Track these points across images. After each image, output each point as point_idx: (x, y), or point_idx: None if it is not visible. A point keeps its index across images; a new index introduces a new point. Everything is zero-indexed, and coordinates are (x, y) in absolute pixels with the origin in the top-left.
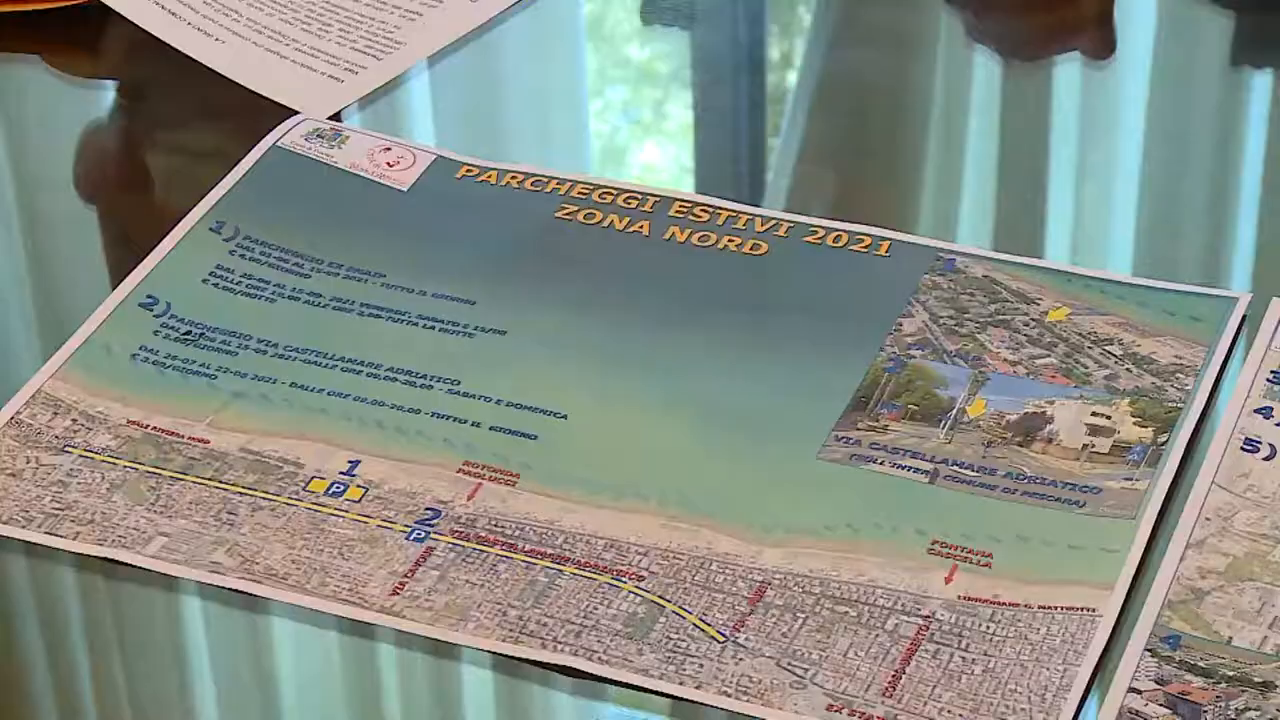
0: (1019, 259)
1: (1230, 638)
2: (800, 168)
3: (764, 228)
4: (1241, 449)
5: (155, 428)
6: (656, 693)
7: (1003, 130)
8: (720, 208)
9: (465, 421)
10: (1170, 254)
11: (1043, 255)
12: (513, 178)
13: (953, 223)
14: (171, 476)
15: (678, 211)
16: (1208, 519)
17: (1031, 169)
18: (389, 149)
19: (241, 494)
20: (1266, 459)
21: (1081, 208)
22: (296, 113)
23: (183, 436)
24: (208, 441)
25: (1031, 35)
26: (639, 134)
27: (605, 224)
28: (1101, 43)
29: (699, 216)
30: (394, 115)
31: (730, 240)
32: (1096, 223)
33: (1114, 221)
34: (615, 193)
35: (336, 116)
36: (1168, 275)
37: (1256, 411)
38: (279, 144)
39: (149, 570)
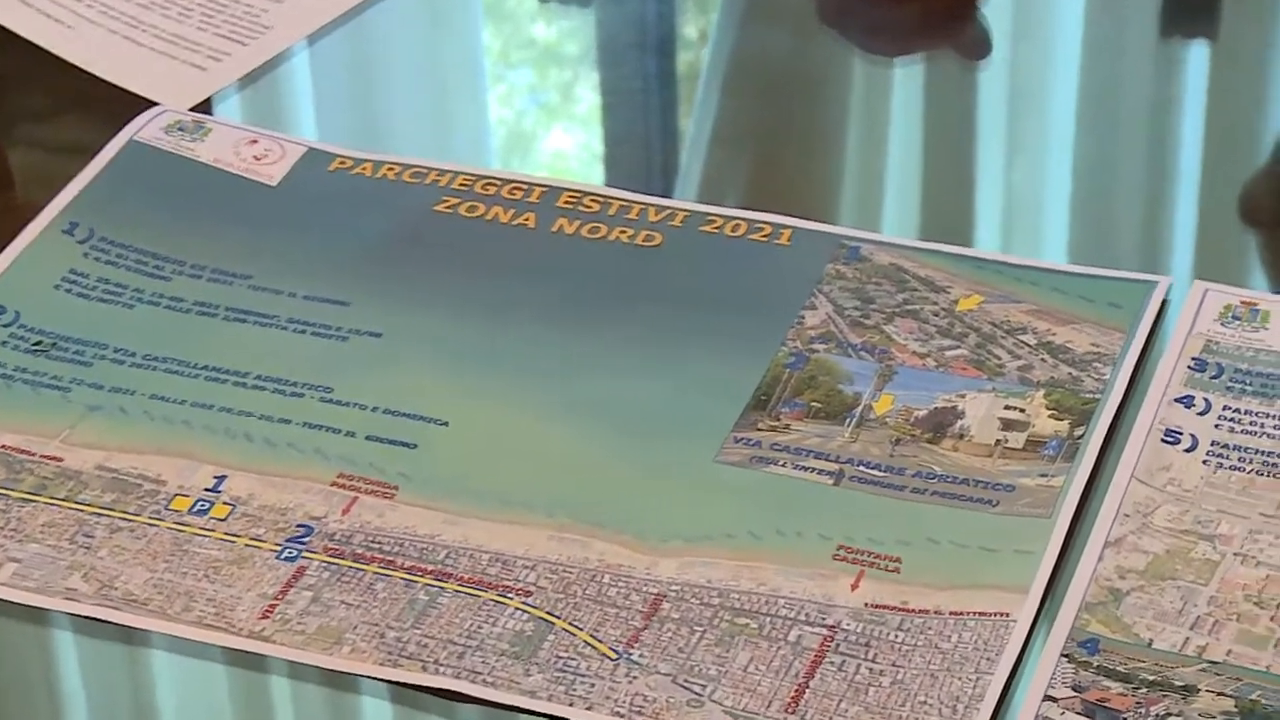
0: (927, 245)
1: (1151, 640)
2: (713, 153)
3: (658, 218)
4: (1162, 441)
5: (4, 446)
6: (544, 715)
7: (927, 110)
8: (611, 197)
9: (339, 431)
10: (1100, 236)
11: (972, 241)
12: (390, 169)
13: (875, 208)
14: (22, 498)
15: (566, 202)
16: (1127, 515)
17: (957, 150)
18: (255, 141)
19: (99, 514)
20: (1188, 451)
21: (1010, 190)
22: (157, 104)
23: (34, 454)
24: (61, 459)
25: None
26: (545, 119)
27: (489, 217)
28: (975, 44)
29: (589, 207)
30: (268, 105)
31: (622, 232)
32: (1026, 206)
33: (1044, 204)
34: (499, 183)
35: (203, 107)
36: (1098, 258)
37: (1177, 401)
38: (136, 138)
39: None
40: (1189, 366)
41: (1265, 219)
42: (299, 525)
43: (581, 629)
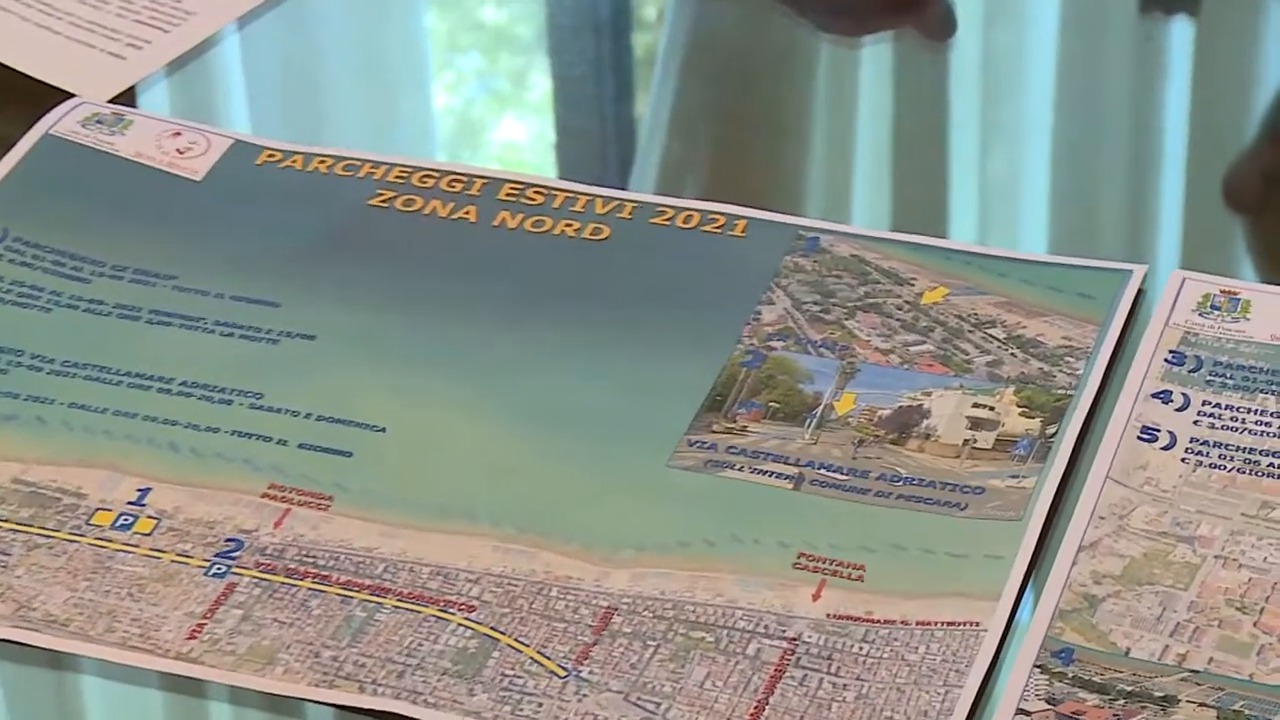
0: (890, 236)
1: (1128, 649)
2: (671, 140)
3: (605, 209)
4: (1138, 439)
5: None
6: None
7: (897, 94)
8: (556, 189)
9: (270, 439)
10: (1081, 225)
11: (946, 232)
12: (321, 162)
13: (843, 197)
14: None
15: (508, 194)
16: (1102, 518)
17: (929, 136)
18: (179, 134)
19: (15, 531)
20: (1165, 449)
21: (986, 178)
22: (74, 95)
23: None
24: None
25: (859, 5)
26: (496, 107)
27: (427, 211)
28: (938, 23)
29: (532, 199)
30: (195, 96)
31: (568, 225)
32: (1002, 194)
33: (1022, 192)
34: (437, 175)
35: (125, 99)
36: (1079, 248)
37: (1154, 396)
38: (52, 132)
39: None
40: (1166, 360)
41: (1250, 204)
42: (228, 540)
43: (528, 645)
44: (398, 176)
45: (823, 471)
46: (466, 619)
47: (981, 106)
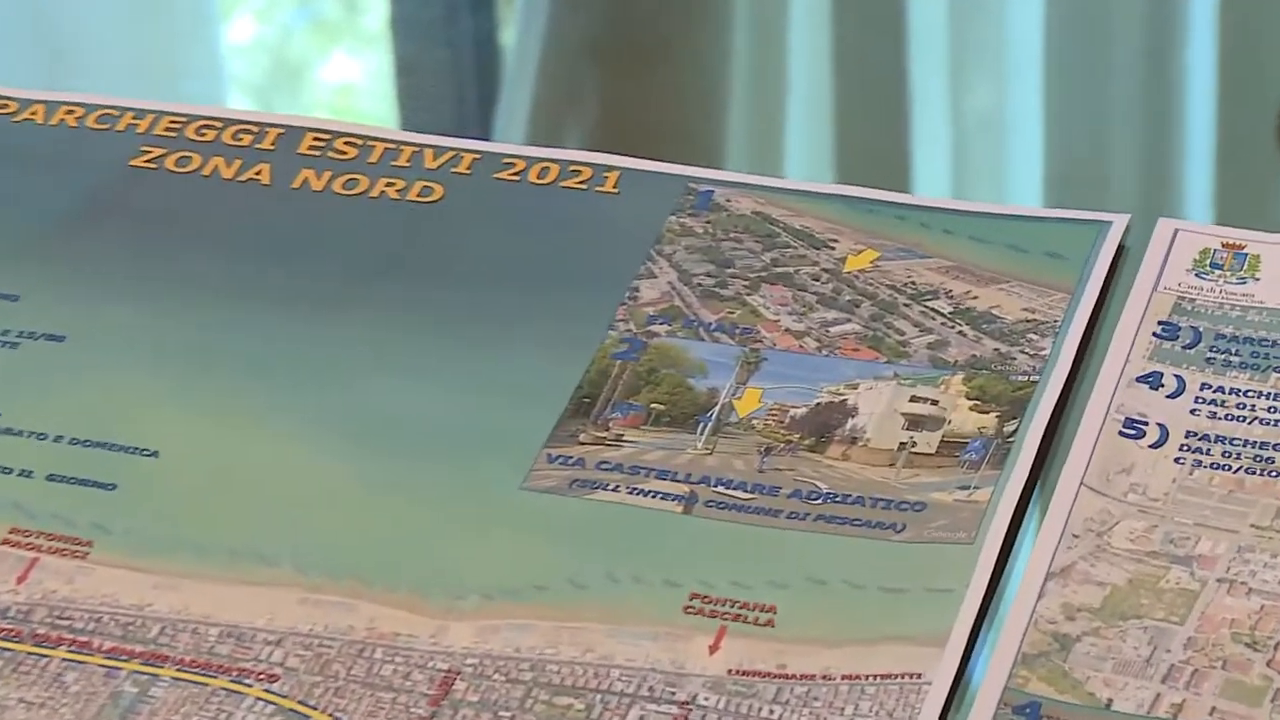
0: (802, 186)
1: (1109, 700)
2: (546, 76)
3: (437, 163)
4: (1121, 434)
5: None
6: None
7: (837, 9)
8: (373, 138)
9: (9, 471)
10: (1081, 176)
11: (908, 187)
12: (69, 113)
13: (772, 143)
14: None
15: (311, 148)
16: (1076, 536)
17: (883, 65)
18: None
19: None
20: (1155, 446)
21: (959, 117)
22: None
23: None
24: None
25: None
26: (323, 41)
27: (206, 171)
28: None
29: (342, 153)
30: None
31: (389, 184)
32: (979, 138)
33: (1006, 135)
34: (219, 125)
35: None
36: (1079, 203)
37: (1140, 380)
38: None
39: None
40: (1155, 333)
41: None
42: None
43: None
44: (168, 129)
45: (721, 489)
46: (267, 691)
47: (951, 25)
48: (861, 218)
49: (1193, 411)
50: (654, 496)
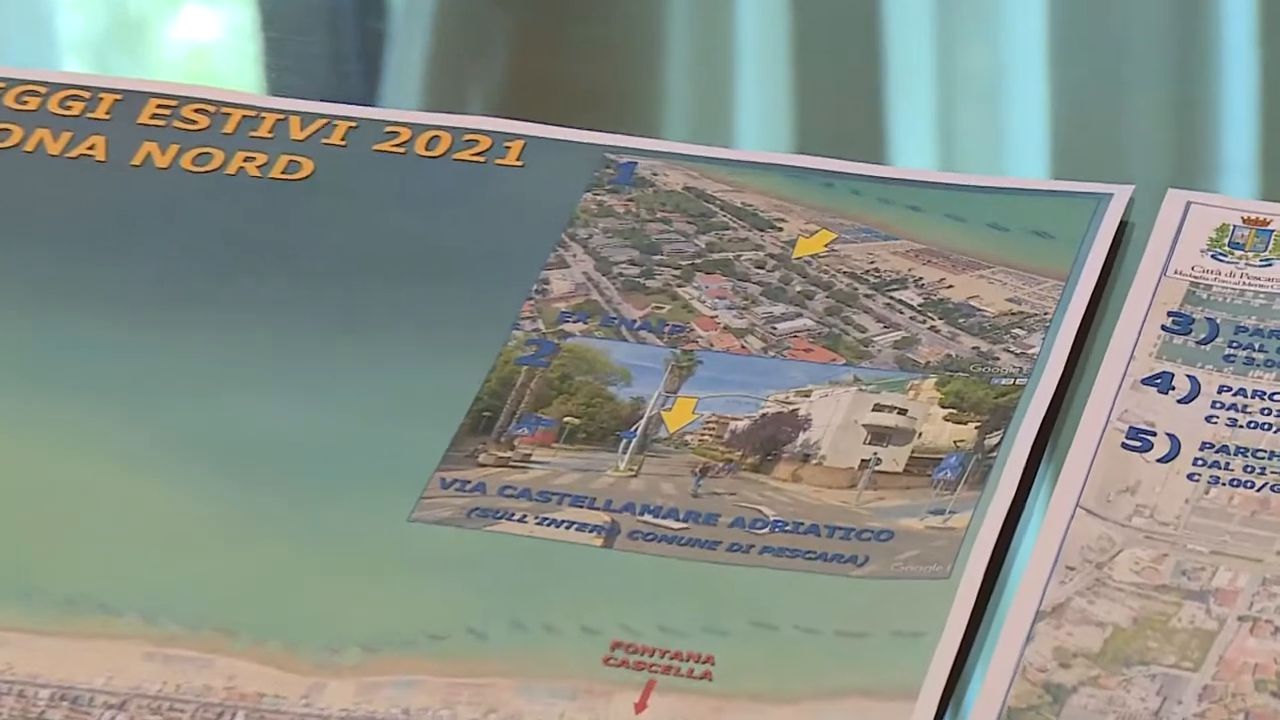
0: (742, 156)
1: None
2: (443, 30)
3: (305, 133)
4: (1124, 446)
5: None
6: None
7: None
8: (229, 104)
9: None
10: (1089, 150)
11: (884, 160)
12: None
13: (722, 116)
14: None
15: (155, 117)
16: (1070, 568)
17: (855, 24)
18: None
19: None
20: (1164, 460)
21: (946, 83)
22: None
23: None
24: None
25: None
26: None
27: (28, 147)
28: None
29: (192, 122)
30: None
31: (248, 159)
32: (970, 109)
33: (1002, 107)
34: (43, 91)
35: None
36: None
37: (1147, 383)
38: None
39: None
40: (1165, 326)
41: None
42: None
43: None
44: None
45: (648, 518)
46: None
47: None
48: (814, 193)
49: (1209, 419)
50: (568, 528)
